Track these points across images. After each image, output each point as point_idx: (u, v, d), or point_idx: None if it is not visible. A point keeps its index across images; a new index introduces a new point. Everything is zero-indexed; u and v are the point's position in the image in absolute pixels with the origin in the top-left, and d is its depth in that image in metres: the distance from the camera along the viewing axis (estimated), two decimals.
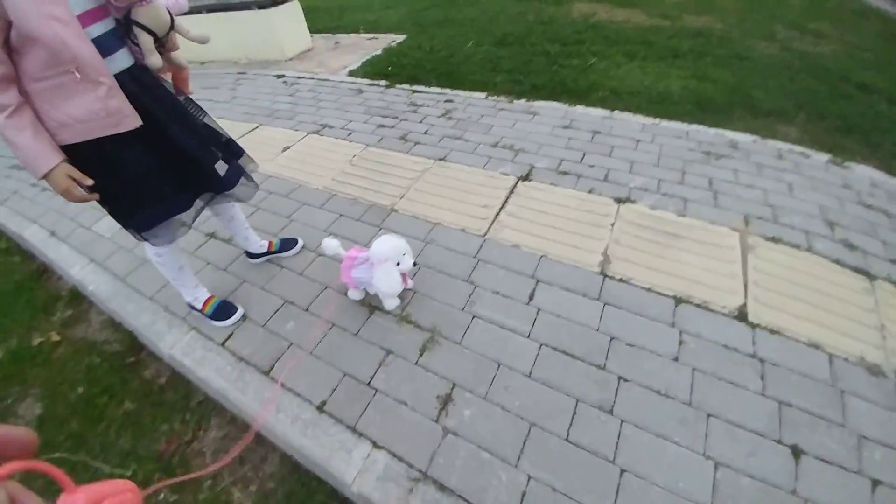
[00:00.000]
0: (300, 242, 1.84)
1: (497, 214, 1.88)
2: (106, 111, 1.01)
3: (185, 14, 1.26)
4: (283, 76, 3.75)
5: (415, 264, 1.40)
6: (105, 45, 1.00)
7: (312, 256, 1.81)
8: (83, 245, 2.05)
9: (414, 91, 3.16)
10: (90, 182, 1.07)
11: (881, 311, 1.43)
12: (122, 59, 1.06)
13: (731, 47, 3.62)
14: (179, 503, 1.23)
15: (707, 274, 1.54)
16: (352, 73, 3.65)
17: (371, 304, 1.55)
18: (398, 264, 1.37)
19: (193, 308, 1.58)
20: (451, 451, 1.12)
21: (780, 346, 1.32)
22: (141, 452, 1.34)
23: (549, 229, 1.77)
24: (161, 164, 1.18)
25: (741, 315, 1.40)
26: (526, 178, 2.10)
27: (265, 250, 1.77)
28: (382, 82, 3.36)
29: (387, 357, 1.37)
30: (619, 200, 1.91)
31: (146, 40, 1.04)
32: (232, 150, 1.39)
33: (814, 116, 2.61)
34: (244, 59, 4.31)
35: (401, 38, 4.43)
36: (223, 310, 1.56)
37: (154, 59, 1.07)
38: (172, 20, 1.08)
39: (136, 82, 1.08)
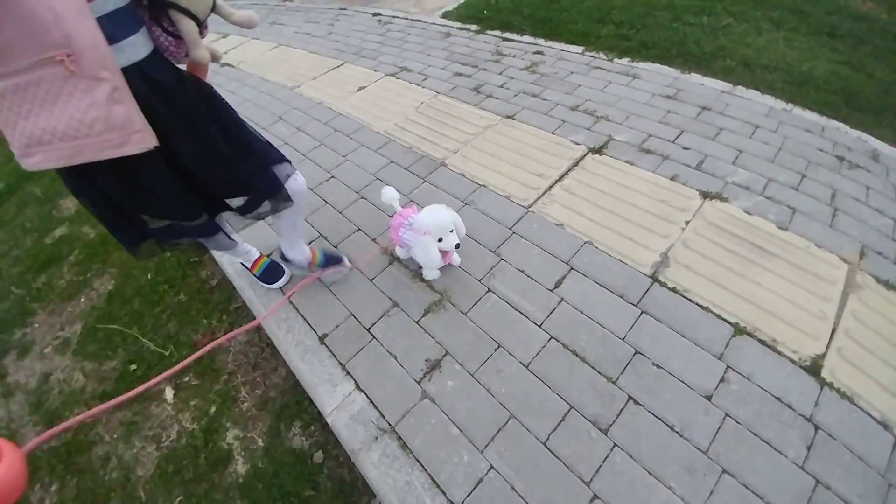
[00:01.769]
0: (344, 262, 1.49)
1: (551, 186, 1.69)
2: (106, 123, 0.70)
3: None
4: (380, 15, 3.69)
5: (457, 246, 1.24)
6: (112, 28, 0.69)
7: (355, 197, 1.83)
8: None
9: (504, 39, 2.89)
10: None
11: None
12: (132, 50, 0.75)
13: (892, 41, 2.63)
14: (199, 387, 1.43)
15: (790, 307, 1.22)
16: (445, 15, 3.45)
17: (393, 254, 1.54)
18: (440, 240, 1.23)
19: (245, 266, 1.52)
20: (423, 415, 1.10)
21: (846, 415, 1.03)
22: (181, 338, 1.57)
23: (605, 213, 1.54)
24: (172, 186, 0.91)
25: (814, 367, 1.10)
26: (599, 150, 1.83)
27: (307, 263, 1.44)
28: (473, 27, 3.12)
29: (391, 309, 1.37)
30: (706, 195, 1.57)
31: (190, 29, 0.81)
32: (271, 158, 1.11)
33: None
34: None
35: None
36: (272, 272, 1.49)
37: (201, 53, 0.86)
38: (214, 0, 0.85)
39: (150, 83, 0.78)
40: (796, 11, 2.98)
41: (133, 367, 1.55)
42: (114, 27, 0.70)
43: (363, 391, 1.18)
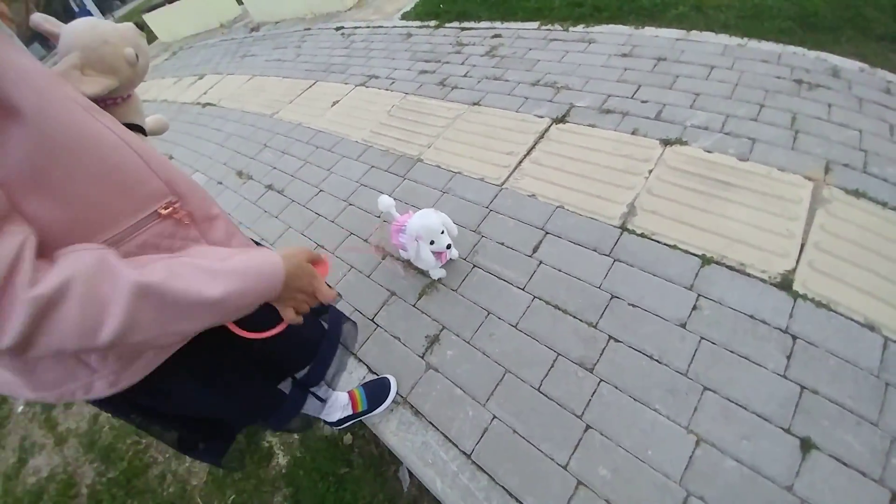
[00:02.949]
0: (388, 399, 1.23)
1: (520, 162, 1.78)
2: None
3: None
4: (342, 28, 3.81)
5: (448, 246, 1.30)
6: None
7: (343, 205, 1.96)
8: None
9: (462, 29, 2.97)
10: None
11: None
12: None
13: None
14: None
15: (756, 232, 1.30)
16: (404, 16, 3.54)
17: (383, 248, 1.66)
18: (432, 243, 1.28)
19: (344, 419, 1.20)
20: (430, 384, 1.23)
21: (824, 322, 1.10)
22: None
23: (573, 177, 1.63)
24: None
25: (785, 282, 1.18)
26: (562, 119, 1.91)
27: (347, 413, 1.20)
28: (432, 23, 3.21)
29: (390, 298, 1.49)
30: (666, 142, 1.64)
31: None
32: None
33: None
34: (310, 14, 4.45)
35: None
36: (375, 393, 1.22)
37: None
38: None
39: None
40: None
41: None
42: None
43: (375, 373, 1.31)
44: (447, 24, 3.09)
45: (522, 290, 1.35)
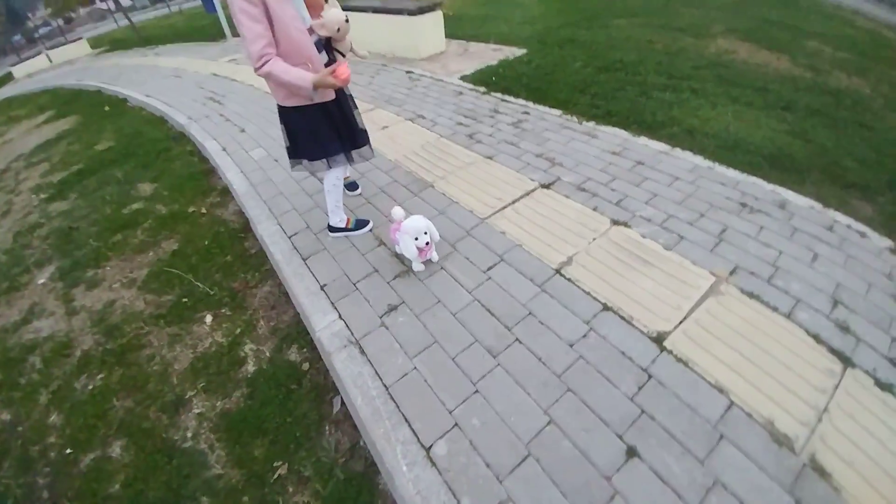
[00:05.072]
0: (359, 189, 2.56)
1: (504, 207, 2.26)
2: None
3: (358, 12, 3.34)
4: (411, 72, 4.58)
5: (427, 244, 1.75)
6: (318, 48, 1.69)
7: (363, 201, 2.47)
8: (240, 161, 3.12)
9: (502, 100, 3.62)
10: (344, 76, 1.60)
11: (836, 397, 1.36)
12: (324, 57, 1.74)
13: (859, 113, 3.15)
14: (231, 317, 2.01)
15: (652, 299, 1.69)
16: (463, 78, 4.26)
17: (380, 239, 2.13)
18: (416, 239, 1.74)
19: (338, 229, 2.16)
20: (379, 336, 1.63)
21: (678, 374, 1.43)
22: (224, 284, 2.19)
23: (536, 227, 2.09)
24: (337, 125, 1.88)
25: (658, 337, 1.55)
26: (547, 186, 2.41)
27: (344, 178, 2.36)
28: (481, 89, 3.89)
29: (373, 273, 1.93)
30: (615, 222, 2.09)
31: (340, 57, 1.85)
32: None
33: None
34: (390, 54, 5.32)
35: (521, 52, 4.88)
36: (361, 223, 2.21)
37: (345, 48, 1.90)
38: (351, 47, 1.90)
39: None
40: (759, 89, 3.56)
41: (185, 299, 2.16)
42: (318, 48, 1.69)
43: (343, 320, 1.72)
44: (492, 93, 3.76)
45: (469, 293, 1.77)
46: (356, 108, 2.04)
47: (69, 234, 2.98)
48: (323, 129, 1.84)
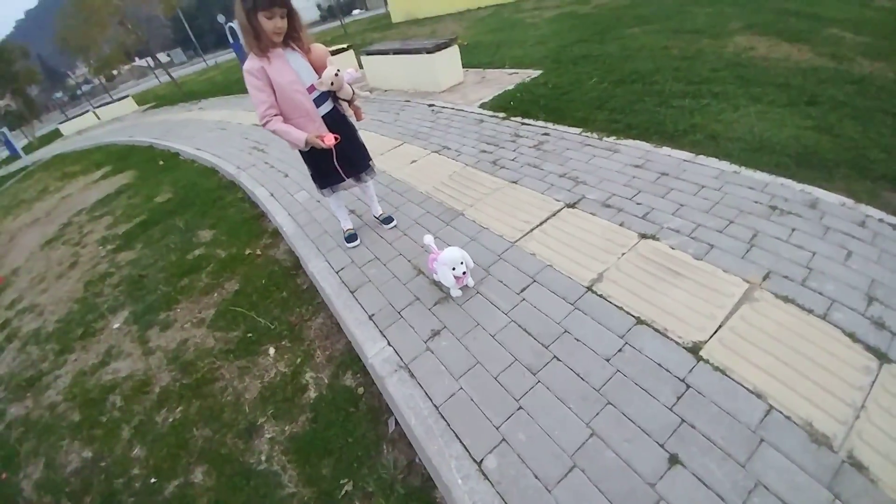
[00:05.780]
0: (395, 222, 2.79)
1: (532, 229, 2.38)
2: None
3: (380, 55, 3.97)
4: (433, 105, 4.87)
5: (464, 273, 1.89)
6: (318, 101, 2.09)
7: (400, 234, 2.67)
8: (287, 204, 3.44)
9: (522, 124, 3.78)
10: (328, 141, 2.02)
11: (873, 393, 1.37)
12: (326, 107, 2.17)
13: (884, 101, 3.03)
14: (290, 348, 2.23)
15: (685, 310, 1.73)
16: (482, 106, 4.48)
17: (419, 268, 2.30)
18: (454, 269, 1.90)
19: (343, 230, 2.70)
20: (425, 360, 1.77)
21: (716, 383, 1.47)
22: (282, 319, 2.43)
23: (565, 247, 2.18)
24: (338, 159, 2.26)
25: (694, 348, 1.59)
26: (573, 205, 2.51)
27: (379, 216, 2.80)
28: (501, 114, 4.08)
29: (414, 301, 2.10)
30: (643, 236, 2.15)
31: (343, 104, 2.25)
32: (368, 156, 2.51)
33: None
34: (411, 89, 5.67)
35: (536, 73, 5.06)
36: (352, 238, 2.65)
37: (347, 110, 2.33)
38: (353, 93, 2.23)
39: (332, 118, 2.19)
40: (781, 85, 3.51)
41: (250, 335, 2.41)
42: (318, 101, 2.11)
43: (391, 346, 1.89)
44: (512, 118, 3.94)
45: (505, 314, 1.89)
46: (357, 140, 2.42)
47: (139, 281, 3.38)
48: (322, 166, 2.29)
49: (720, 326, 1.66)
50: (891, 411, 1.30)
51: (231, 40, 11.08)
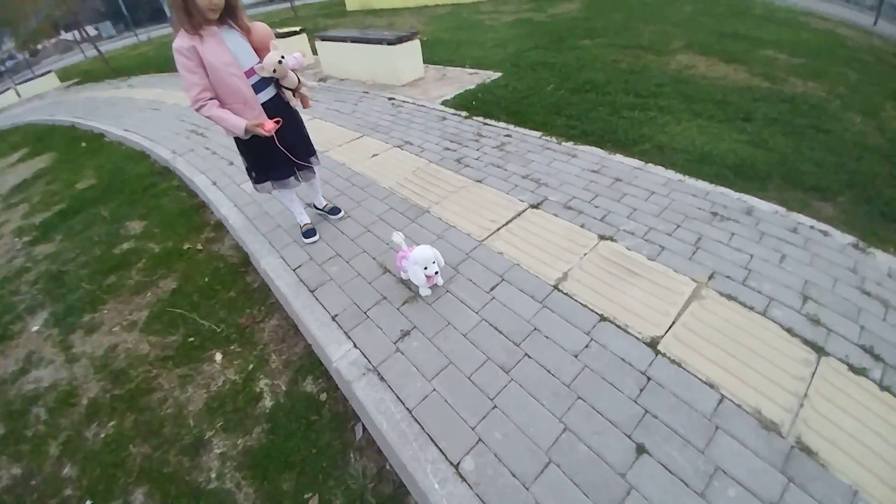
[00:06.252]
0: (342, 212, 2.70)
1: (499, 228, 2.40)
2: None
3: (338, 41, 4.03)
4: (394, 99, 4.74)
5: (435, 272, 1.85)
6: (257, 87, 1.94)
7: (363, 230, 2.56)
8: (233, 194, 3.16)
9: (484, 124, 3.81)
10: (268, 128, 1.89)
11: (814, 384, 1.51)
12: (267, 93, 2.02)
13: (816, 118, 3.48)
14: (241, 353, 2.04)
15: (642, 307, 1.84)
16: (444, 103, 4.45)
17: (385, 266, 2.22)
18: (426, 268, 1.83)
19: (300, 224, 2.52)
20: (395, 362, 1.71)
21: (673, 374, 1.58)
22: (230, 321, 2.22)
23: (531, 246, 2.23)
24: (280, 152, 2.09)
25: (652, 342, 1.70)
26: (536, 206, 2.57)
27: (323, 207, 2.70)
28: (463, 113, 4.08)
29: (382, 300, 2.01)
30: (602, 237, 2.26)
31: (287, 92, 2.07)
32: (312, 147, 2.40)
33: (860, 199, 2.52)
34: (370, 81, 5.49)
35: (496, 75, 5.13)
36: (310, 233, 2.49)
37: (292, 99, 2.14)
38: (300, 81, 2.07)
39: (275, 106, 2.04)
40: (719, 102, 3.88)
41: (191, 339, 2.17)
42: (257, 87, 1.95)
43: (358, 348, 1.80)
44: (474, 118, 3.95)
45: (476, 313, 1.88)
46: (302, 131, 2.32)
47: (59, 277, 2.93)
48: (263, 157, 2.15)
49: (674, 322, 1.78)
50: (833, 401, 1.47)
51: (168, 14, 9.98)
